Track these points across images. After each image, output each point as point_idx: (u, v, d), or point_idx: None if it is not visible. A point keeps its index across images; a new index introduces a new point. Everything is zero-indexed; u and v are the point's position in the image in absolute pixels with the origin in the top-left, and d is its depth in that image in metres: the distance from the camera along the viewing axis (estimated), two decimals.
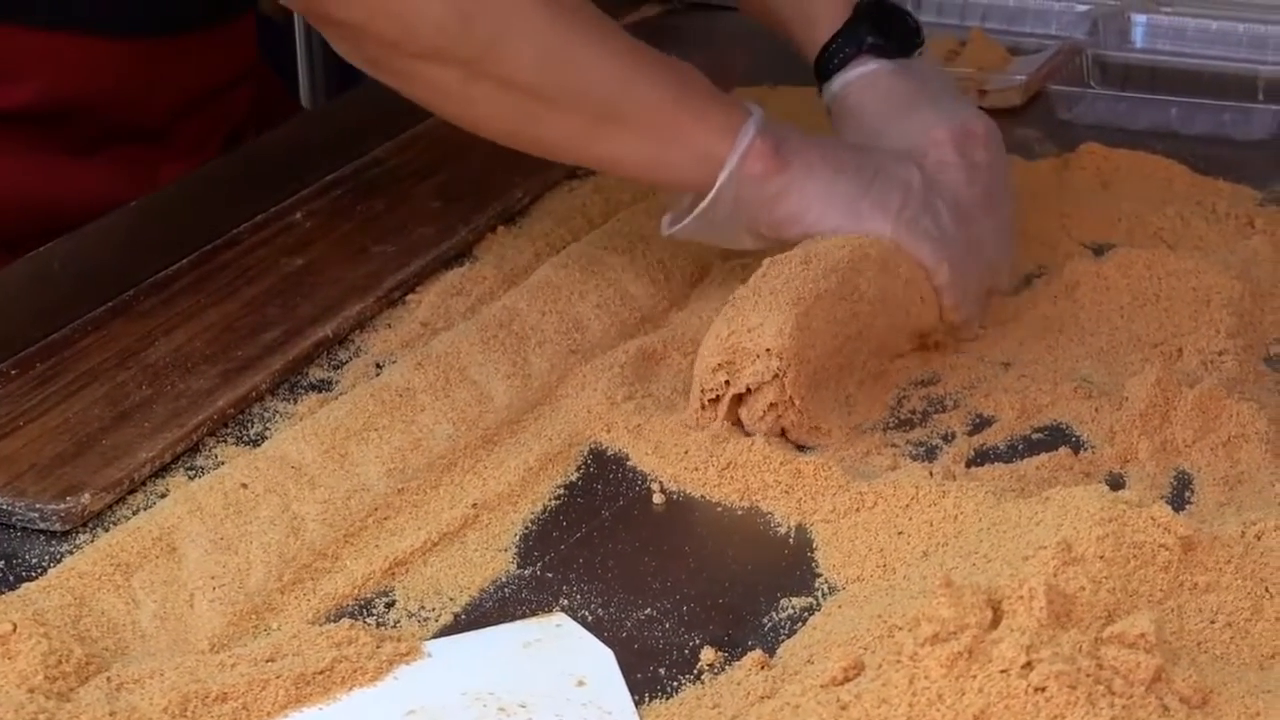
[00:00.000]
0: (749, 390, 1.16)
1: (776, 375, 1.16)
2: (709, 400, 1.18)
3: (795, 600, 1.04)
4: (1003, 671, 0.82)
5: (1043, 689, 0.81)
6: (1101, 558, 0.92)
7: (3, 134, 1.43)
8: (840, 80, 1.40)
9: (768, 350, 1.16)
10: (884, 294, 1.23)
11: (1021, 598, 0.87)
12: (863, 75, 1.39)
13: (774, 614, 1.03)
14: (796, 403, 1.16)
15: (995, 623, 0.86)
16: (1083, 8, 1.84)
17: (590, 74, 1.22)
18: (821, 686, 0.86)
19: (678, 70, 1.25)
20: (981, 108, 1.66)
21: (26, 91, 1.41)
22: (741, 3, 1.56)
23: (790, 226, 1.25)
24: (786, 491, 1.12)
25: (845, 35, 1.39)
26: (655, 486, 1.14)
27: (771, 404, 1.16)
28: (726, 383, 1.17)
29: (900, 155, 1.29)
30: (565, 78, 1.21)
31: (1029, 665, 0.82)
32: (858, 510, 1.09)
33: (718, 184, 1.22)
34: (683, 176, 1.25)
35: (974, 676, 0.82)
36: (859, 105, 1.38)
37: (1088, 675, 0.82)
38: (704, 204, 1.23)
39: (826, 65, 1.41)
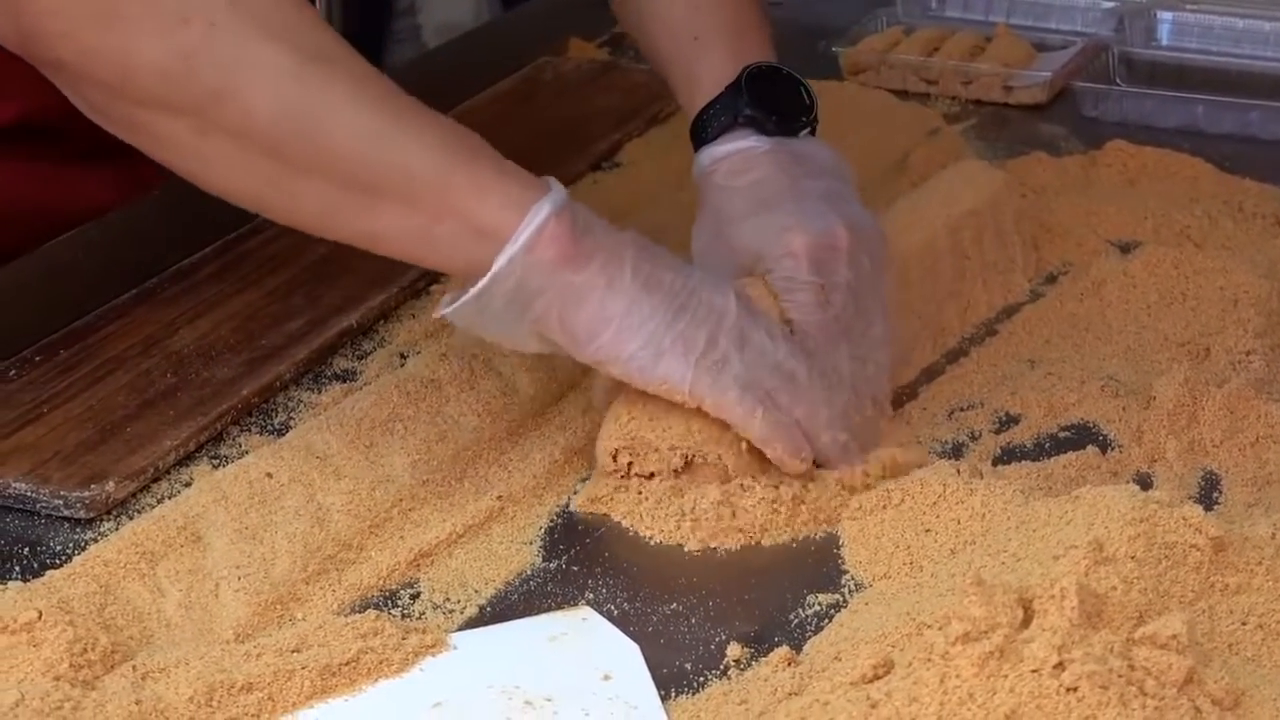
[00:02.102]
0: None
1: (677, 471, 1.10)
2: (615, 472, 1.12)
3: (822, 597, 1.04)
4: (1034, 671, 0.82)
5: (1075, 689, 0.81)
6: (1133, 558, 0.91)
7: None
8: (708, 155, 1.23)
9: (671, 448, 1.10)
10: None
11: (1053, 597, 0.86)
12: (733, 154, 1.22)
13: (800, 611, 1.03)
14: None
15: (1026, 622, 0.86)
16: (1109, 4, 1.83)
17: (339, 133, 1.04)
18: (851, 684, 0.86)
19: (457, 136, 1.08)
20: (1008, 104, 1.69)
21: (12, 109, 1.37)
22: (645, 54, 1.36)
23: (582, 342, 1.07)
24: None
25: (722, 103, 1.22)
26: None
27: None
28: (630, 464, 1.11)
29: (720, 281, 1.11)
30: (309, 136, 1.03)
31: (1061, 665, 0.82)
32: (884, 507, 1.09)
33: (497, 263, 1.04)
34: (456, 258, 1.07)
35: (1005, 676, 0.82)
36: (720, 190, 1.21)
37: (1120, 676, 0.81)
38: (481, 283, 1.05)
39: (698, 135, 1.24)
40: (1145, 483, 1.13)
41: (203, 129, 1.04)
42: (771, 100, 1.23)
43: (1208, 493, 1.12)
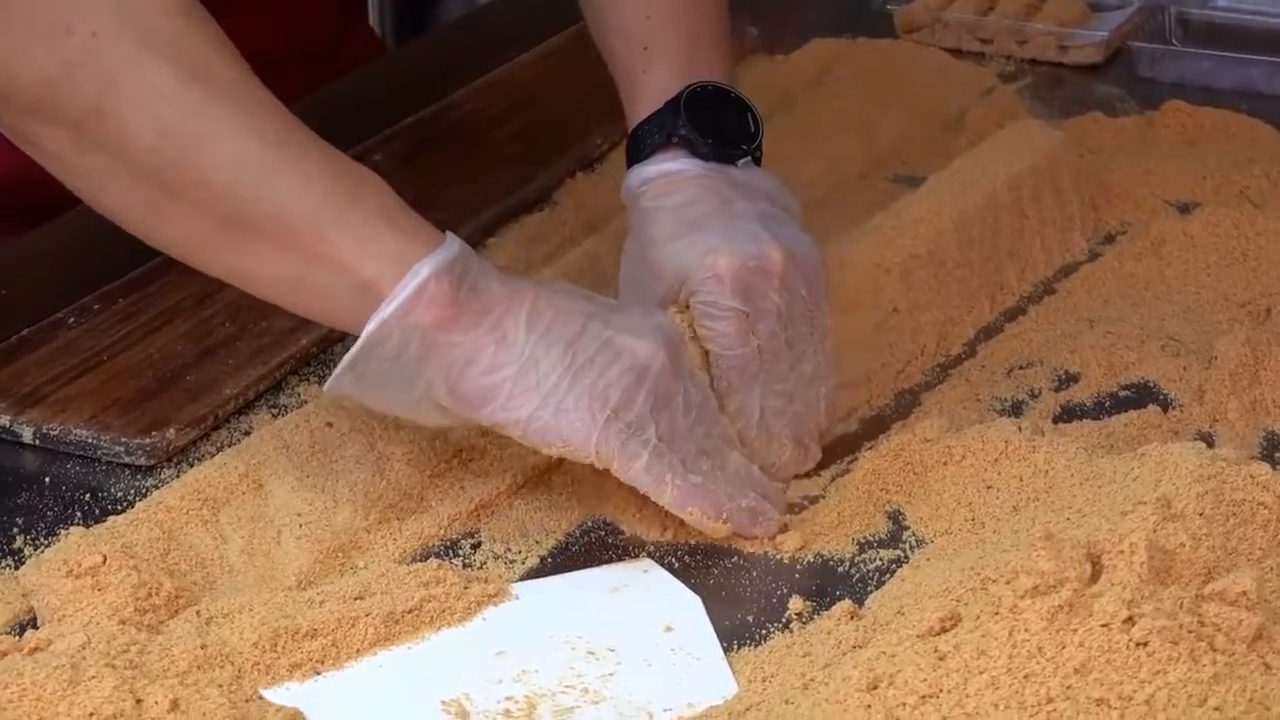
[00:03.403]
0: None
1: None
2: None
3: (883, 553, 1.04)
4: (1104, 626, 0.81)
5: (1145, 644, 0.80)
6: (1201, 515, 0.91)
7: None
8: (637, 175, 1.15)
9: None
10: None
11: (1122, 552, 0.86)
12: (661, 175, 1.14)
13: (861, 566, 1.03)
14: None
15: (1095, 577, 0.86)
16: None
17: (216, 160, 0.98)
18: (918, 637, 0.85)
19: (348, 177, 1.01)
20: (1063, 64, 1.68)
21: None
22: (603, 56, 1.26)
23: (476, 406, 0.99)
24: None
25: (657, 120, 1.15)
26: None
27: None
28: None
29: (648, 323, 1.02)
30: (185, 160, 0.98)
31: (1130, 620, 0.81)
32: (945, 464, 1.08)
33: (368, 327, 0.97)
34: (331, 309, 1.01)
35: (1074, 630, 0.82)
36: (646, 212, 1.14)
37: (1189, 632, 0.81)
38: (353, 350, 0.98)
39: (632, 152, 1.17)
40: (1207, 442, 1.12)
41: (81, 144, 0.99)
42: (711, 122, 1.14)
43: (1269, 453, 1.12)
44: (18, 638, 0.92)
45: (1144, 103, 1.61)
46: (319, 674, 0.92)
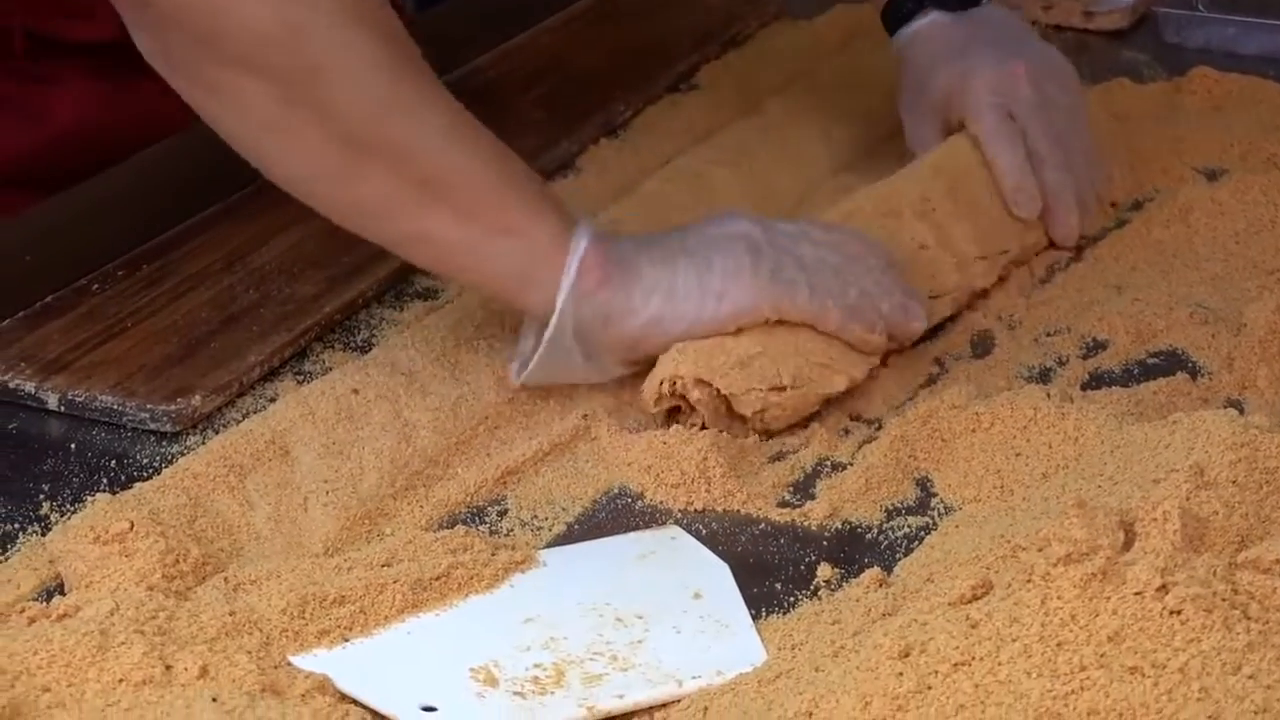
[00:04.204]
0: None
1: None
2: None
3: (911, 520, 1.03)
4: (1137, 594, 0.81)
5: (1178, 612, 0.80)
6: (1234, 482, 0.91)
7: (88, 61, 1.42)
8: (902, 34, 1.38)
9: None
10: None
11: (1155, 520, 0.86)
12: (922, 28, 1.37)
13: (889, 533, 1.02)
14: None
15: (1127, 545, 0.85)
16: None
17: (420, 132, 1.05)
18: (949, 604, 0.85)
19: (510, 156, 1.10)
20: (1088, 30, 1.67)
21: (106, 28, 1.36)
22: None
23: (646, 337, 1.09)
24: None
25: None
26: None
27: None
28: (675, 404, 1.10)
29: (735, 216, 1.15)
30: (393, 129, 1.05)
31: (1164, 588, 0.81)
32: (973, 431, 1.08)
33: (559, 302, 1.07)
34: (501, 274, 1.08)
35: (1108, 598, 0.81)
36: (914, 59, 1.36)
37: (1223, 599, 0.81)
38: (551, 328, 1.07)
39: (891, 20, 1.39)
40: (1237, 409, 1.11)
41: (291, 100, 1.03)
42: None
43: None
44: (45, 604, 0.92)
45: (1170, 69, 1.60)
46: (347, 640, 0.92)
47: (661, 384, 1.09)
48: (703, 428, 1.10)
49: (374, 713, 0.87)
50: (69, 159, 1.37)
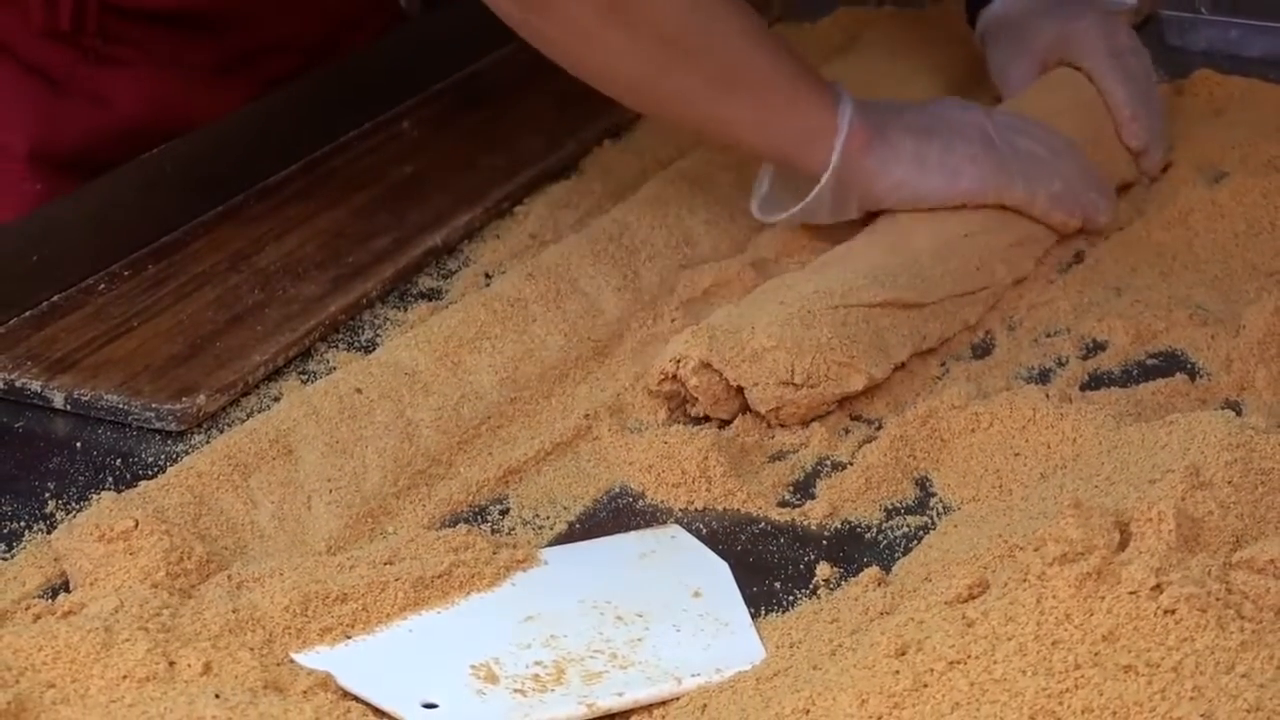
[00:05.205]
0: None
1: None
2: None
3: (909, 519, 1.04)
4: (1132, 593, 0.82)
5: (1172, 611, 0.81)
6: (1230, 483, 0.91)
7: (150, 42, 1.45)
8: (997, 4, 1.50)
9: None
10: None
11: (1150, 520, 0.86)
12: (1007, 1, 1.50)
13: (888, 532, 1.03)
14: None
15: (1123, 545, 0.86)
16: None
17: (722, 30, 1.21)
18: (946, 603, 0.86)
19: (783, 42, 1.26)
20: None
21: None
22: None
23: (889, 196, 1.26)
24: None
25: None
26: None
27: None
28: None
29: (966, 105, 1.31)
30: (699, 30, 1.20)
31: (1158, 588, 0.81)
32: (972, 431, 1.09)
33: (832, 164, 1.23)
34: (784, 145, 1.25)
35: (1103, 598, 0.82)
36: (1006, 21, 1.48)
37: (1217, 599, 0.81)
38: (820, 185, 1.24)
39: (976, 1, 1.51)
40: (1235, 410, 1.11)
41: (611, 17, 1.17)
42: None
43: None
44: (50, 601, 0.93)
45: (1172, 71, 1.60)
46: (349, 638, 0.92)
47: (669, 362, 1.10)
48: (705, 419, 1.10)
49: (375, 710, 0.87)
50: (127, 146, 1.39)
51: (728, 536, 1.03)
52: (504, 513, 1.05)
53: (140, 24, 1.45)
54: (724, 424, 1.12)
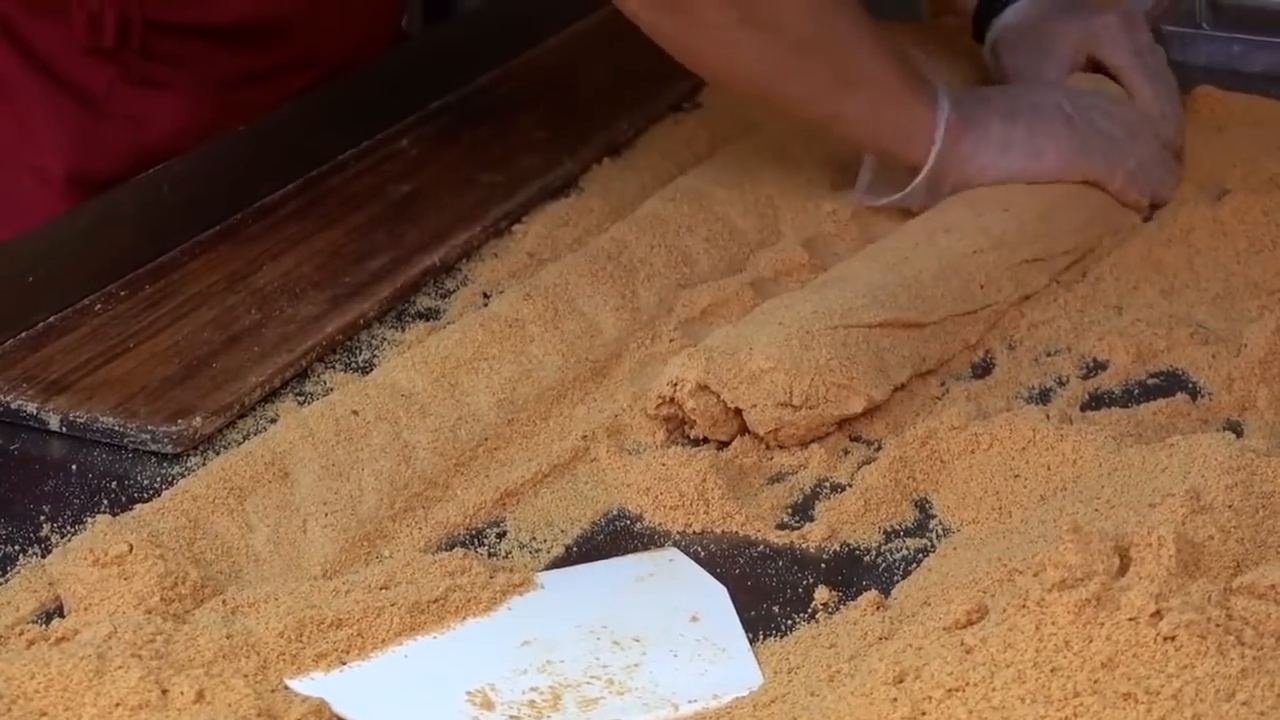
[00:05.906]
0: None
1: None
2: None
3: (909, 541, 1.03)
4: (1131, 620, 0.81)
5: (1172, 638, 0.80)
6: (1230, 507, 0.91)
7: (189, 58, 1.47)
8: (1010, 13, 1.53)
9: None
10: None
11: (1150, 545, 0.85)
12: (1019, 8, 1.53)
13: (887, 555, 1.02)
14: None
15: (1123, 570, 0.85)
16: None
17: (843, 30, 1.29)
18: (944, 629, 0.85)
19: (892, 40, 1.33)
20: None
21: (234, 11, 1.47)
22: None
23: (978, 178, 1.34)
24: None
25: None
26: None
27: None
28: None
29: (1045, 86, 1.42)
30: (825, 31, 1.28)
31: (1158, 614, 0.81)
32: (972, 452, 1.08)
33: (931, 155, 1.32)
34: (890, 136, 1.33)
35: (1102, 624, 0.81)
36: (1024, 22, 1.51)
37: (1218, 625, 0.81)
38: (928, 168, 1.32)
39: (985, 11, 1.54)
40: (1236, 431, 1.11)
41: (747, 20, 1.25)
42: None
43: None
44: (44, 627, 0.92)
45: None
46: (344, 664, 0.92)
47: (667, 385, 1.10)
48: (704, 441, 1.10)
49: None
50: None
51: (726, 559, 1.02)
52: (501, 535, 1.04)
53: (183, 39, 1.46)
54: (722, 445, 1.11)
